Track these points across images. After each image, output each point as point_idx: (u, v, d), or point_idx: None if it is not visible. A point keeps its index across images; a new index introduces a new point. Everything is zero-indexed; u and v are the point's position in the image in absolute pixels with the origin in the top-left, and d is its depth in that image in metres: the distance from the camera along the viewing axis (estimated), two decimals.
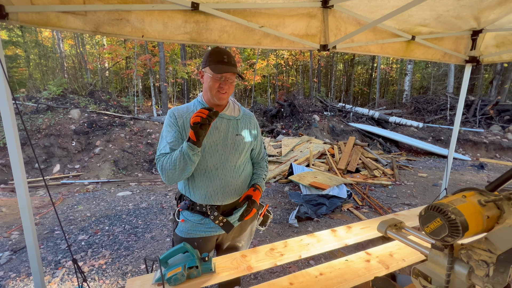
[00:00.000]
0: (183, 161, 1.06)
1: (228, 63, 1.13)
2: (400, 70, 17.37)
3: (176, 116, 1.20)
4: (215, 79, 1.13)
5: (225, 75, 1.13)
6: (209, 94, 1.18)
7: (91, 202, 4.15)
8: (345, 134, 8.65)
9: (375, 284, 0.75)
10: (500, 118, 9.27)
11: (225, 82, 1.14)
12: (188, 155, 1.04)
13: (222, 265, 1.25)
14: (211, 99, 1.20)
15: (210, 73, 1.13)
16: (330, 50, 1.66)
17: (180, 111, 1.22)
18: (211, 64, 1.13)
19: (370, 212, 3.68)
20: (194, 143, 1.02)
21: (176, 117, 1.20)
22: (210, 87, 1.16)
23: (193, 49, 18.53)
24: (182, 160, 1.06)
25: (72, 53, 14.71)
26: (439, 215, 0.65)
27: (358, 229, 1.59)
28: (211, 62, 1.13)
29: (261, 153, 1.42)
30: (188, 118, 1.19)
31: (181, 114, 1.21)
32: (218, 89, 1.15)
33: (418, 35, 1.88)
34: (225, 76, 1.13)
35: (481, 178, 5.33)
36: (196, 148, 1.04)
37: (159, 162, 1.15)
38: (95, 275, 2.32)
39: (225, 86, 1.14)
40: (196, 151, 1.04)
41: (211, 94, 1.17)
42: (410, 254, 1.34)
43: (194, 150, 1.04)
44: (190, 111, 1.22)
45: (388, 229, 0.93)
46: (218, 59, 1.13)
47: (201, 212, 1.24)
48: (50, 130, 6.34)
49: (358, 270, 1.23)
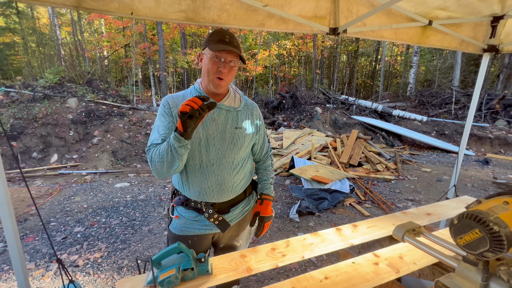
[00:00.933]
0: (170, 154, 0.95)
1: (229, 43, 1.00)
2: (405, 62, 16.99)
3: (170, 104, 1.09)
4: (213, 60, 1.00)
5: (225, 56, 1.00)
6: (207, 79, 1.05)
7: (89, 193, 4.08)
8: (348, 127, 8.51)
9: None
10: (506, 113, 9.08)
11: (225, 65, 1.01)
12: (174, 147, 0.93)
13: (219, 266, 1.16)
14: (208, 86, 1.07)
15: (209, 52, 1.01)
16: (341, 34, 1.52)
17: (175, 99, 1.10)
18: (211, 44, 1.00)
19: (373, 207, 3.60)
20: (181, 134, 0.90)
21: (170, 106, 1.08)
22: (208, 71, 1.03)
23: (193, 38, 18.14)
24: (169, 152, 0.95)
25: (69, 40, 14.40)
26: (478, 225, 0.54)
27: (364, 228, 1.49)
28: (211, 41, 1.01)
29: (264, 149, 1.29)
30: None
31: (176, 102, 1.09)
32: (216, 73, 1.02)
33: (435, 20, 1.73)
34: (225, 57, 1.00)
35: (486, 173, 5.23)
36: (183, 140, 0.91)
37: (149, 153, 1.05)
38: (90, 269, 2.26)
39: (224, 70, 1.01)
40: (183, 143, 0.92)
41: (208, 80, 1.05)
42: (421, 257, 1.25)
43: (180, 142, 0.92)
44: (185, 100, 1.10)
45: (406, 234, 0.82)
46: (219, 38, 1.00)
47: (195, 208, 1.14)
48: (47, 119, 6.22)
49: (366, 274, 1.14)
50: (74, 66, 8.56)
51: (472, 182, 4.68)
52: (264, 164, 1.30)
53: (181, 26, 12.31)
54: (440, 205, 1.86)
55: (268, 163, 1.31)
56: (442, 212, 1.74)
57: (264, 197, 1.24)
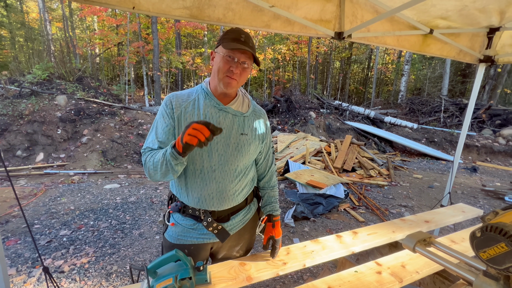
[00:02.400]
0: (165, 167, 0.91)
1: (245, 43, 0.95)
2: (396, 70, 17.43)
3: (173, 105, 1.01)
4: (226, 59, 0.95)
5: (238, 56, 0.94)
6: (217, 78, 0.98)
7: (76, 194, 3.92)
8: (341, 132, 8.59)
9: None
10: (491, 123, 9.42)
11: (237, 66, 0.95)
12: (170, 163, 0.89)
13: (218, 274, 1.11)
14: (217, 86, 1.00)
15: (222, 50, 0.95)
16: (346, 38, 1.51)
17: (179, 98, 1.03)
18: (225, 42, 0.95)
19: (367, 213, 3.61)
20: (179, 154, 0.86)
21: (173, 106, 1.01)
22: (219, 69, 0.97)
23: (188, 38, 18.03)
24: (164, 165, 0.91)
25: (60, 36, 14.01)
26: (504, 239, 0.52)
27: (365, 235, 1.48)
28: (226, 39, 0.95)
29: (269, 160, 1.22)
30: (188, 109, 1.01)
31: (180, 103, 1.01)
32: (228, 72, 0.96)
33: (436, 29, 1.76)
34: (238, 57, 0.94)
35: (474, 181, 5.37)
36: (180, 158, 0.87)
37: (143, 156, 1.00)
38: (76, 275, 2.14)
39: (236, 70, 0.95)
40: (180, 161, 0.88)
41: (218, 78, 0.98)
42: (423, 265, 1.24)
43: (177, 160, 0.87)
44: (190, 100, 1.03)
45: (417, 245, 0.80)
46: (234, 37, 0.95)
47: (193, 216, 1.08)
48: (33, 116, 5.99)
49: (369, 284, 1.11)
50: (64, 62, 8.32)
51: (462, 189, 4.79)
52: (271, 181, 1.26)
53: (177, 26, 12.20)
54: (437, 213, 1.87)
55: (274, 181, 1.27)
56: (440, 220, 1.75)
57: (274, 220, 1.22)
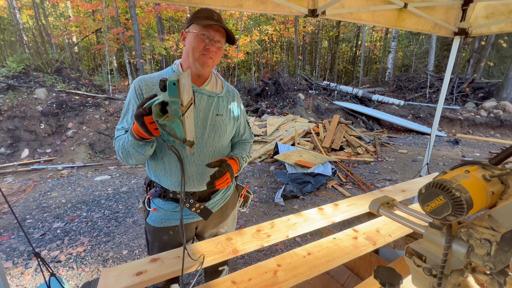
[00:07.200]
0: (135, 150, 0.90)
1: (218, 21, 0.93)
2: (383, 47, 17.38)
3: (143, 90, 0.97)
4: (200, 37, 0.92)
5: (213, 34, 0.93)
6: (191, 58, 0.95)
7: (66, 188, 3.91)
8: (330, 113, 8.69)
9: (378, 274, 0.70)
10: (474, 96, 9.68)
11: (213, 43, 0.93)
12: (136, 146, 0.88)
13: (206, 249, 1.18)
14: (192, 65, 0.97)
15: (195, 28, 0.92)
16: (320, 15, 1.51)
17: (148, 82, 0.99)
18: (198, 20, 0.92)
19: (353, 188, 3.77)
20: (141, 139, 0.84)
21: (142, 90, 0.97)
22: (193, 48, 0.93)
23: (170, 22, 17.25)
24: (132, 149, 0.90)
25: (32, 25, 13.16)
26: (442, 192, 0.59)
27: (345, 207, 1.57)
28: (198, 18, 0.93)
29: (245, 134, 1.24)
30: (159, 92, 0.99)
31: (150, 87, 0.98)
32: (203, 51, 0.93)
33: (411, 2, 1.77)
34: (213, 35, 0.93)
35: (455, 153, 5.62)
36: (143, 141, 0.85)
37: (115, 142, 0.98)
38: (73, 263, 2.20)
39: (212, 48, 0.93)
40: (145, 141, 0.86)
41: (193, 58, 0.95)
42: (396, 229, 1.35)
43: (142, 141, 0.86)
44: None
45: (381, 207, 0.88)
46: (207, 15, 0.93)
47: (175, 199, 1.09)
48: (13, 112, 5.77)
49: (346, 248, 1.21)
50: (40, 53, 7.90)
51: (443, 161, 5.02)
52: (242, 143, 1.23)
53: (157, 10, 11.62)
54: (413, 182, 1.99)
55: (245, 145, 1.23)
56: (416, 189, 1.87)
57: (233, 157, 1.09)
